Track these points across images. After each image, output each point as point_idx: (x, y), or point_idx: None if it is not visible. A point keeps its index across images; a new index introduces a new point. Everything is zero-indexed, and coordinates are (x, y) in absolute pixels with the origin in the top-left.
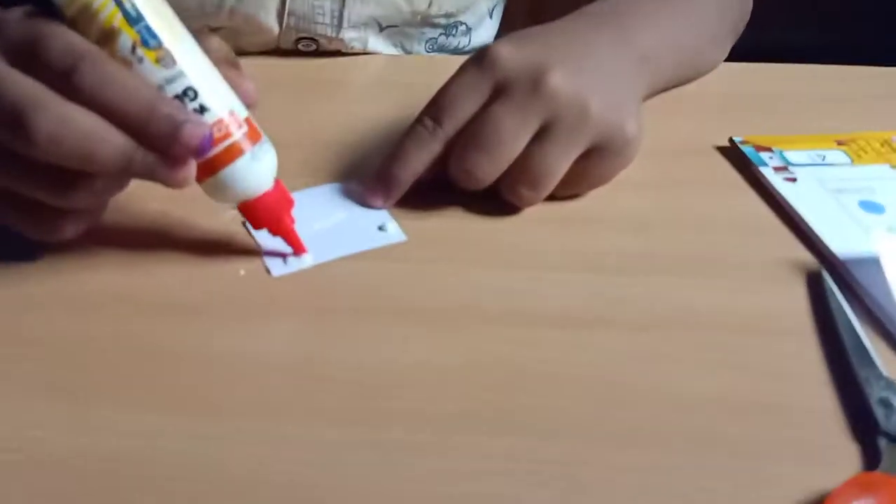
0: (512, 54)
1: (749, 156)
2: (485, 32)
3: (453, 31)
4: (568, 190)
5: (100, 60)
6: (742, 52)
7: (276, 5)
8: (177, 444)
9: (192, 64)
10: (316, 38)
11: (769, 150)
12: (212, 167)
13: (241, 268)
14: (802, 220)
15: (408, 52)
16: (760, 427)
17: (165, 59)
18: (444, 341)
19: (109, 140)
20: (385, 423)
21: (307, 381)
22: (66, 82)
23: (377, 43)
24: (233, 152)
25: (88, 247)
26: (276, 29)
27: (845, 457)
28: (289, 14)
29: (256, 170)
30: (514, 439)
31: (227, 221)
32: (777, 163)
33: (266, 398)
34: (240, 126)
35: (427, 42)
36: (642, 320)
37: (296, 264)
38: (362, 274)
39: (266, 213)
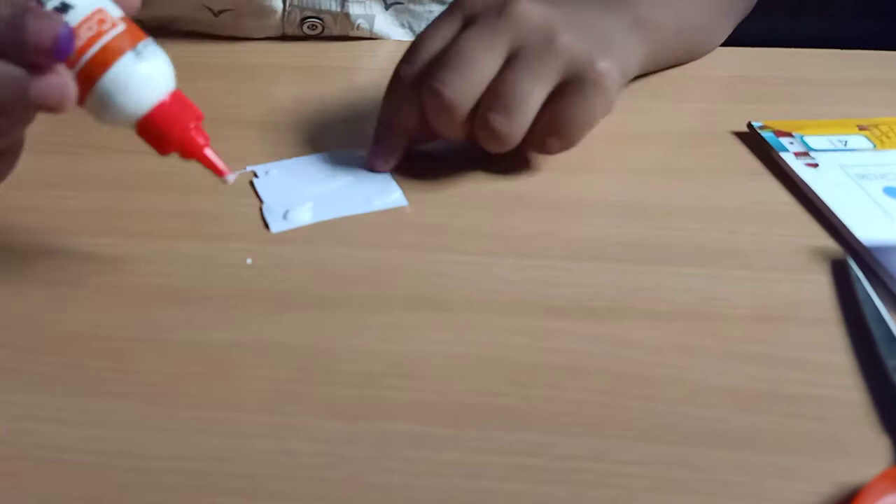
0: None
1: (769, 141)
2: None
3: None
4: (554, 136)
5: None
6: (749, 42)
7: None
8: (179, 436)
9: None
10: (320, 15)
11: (789, 135)
12: (89, 76)
13: (248, 256)
14: (826, 206)
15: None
16: (785, 420)
17: None
18: (454, 332)
19: None
20: (394, 416)
21: (314, 372)
22: None
23: (384, 21)
24: (109, 53)
25: (89, 233)
26: (279, 7)
27: (876, 450)
28: None
29: (142, 73)
30: (526, 433)
31: (232, 205)
32: (798, 148)
33: (272, 389)
34: (114, 25)
35: None
36: (660, 310)
37: (296, 221)
38: (371, 262)
39: (165, 127)
